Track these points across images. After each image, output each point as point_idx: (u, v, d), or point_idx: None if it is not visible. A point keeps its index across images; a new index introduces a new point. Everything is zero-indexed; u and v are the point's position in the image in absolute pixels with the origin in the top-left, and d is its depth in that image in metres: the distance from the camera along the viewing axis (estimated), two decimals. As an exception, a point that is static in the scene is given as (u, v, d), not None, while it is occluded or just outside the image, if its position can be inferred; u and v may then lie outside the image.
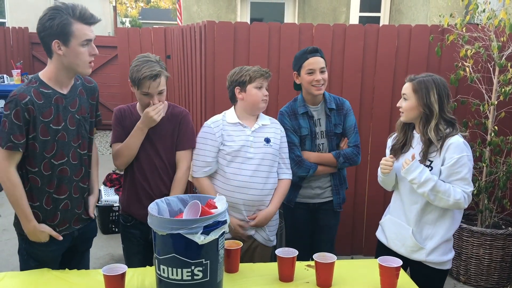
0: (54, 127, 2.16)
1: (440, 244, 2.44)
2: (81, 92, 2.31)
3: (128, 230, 2.66)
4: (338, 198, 3.00)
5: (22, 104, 2.06)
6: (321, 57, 2.79)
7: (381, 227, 2.68)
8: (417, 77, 2.44)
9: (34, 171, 2.17)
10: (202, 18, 8.09)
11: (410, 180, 2.37)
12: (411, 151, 2.48)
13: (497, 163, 3.76)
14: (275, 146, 2.69)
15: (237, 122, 2.67)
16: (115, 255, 4.16)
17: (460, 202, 2.32)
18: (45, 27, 2.06)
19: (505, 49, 3.67)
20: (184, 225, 1.77)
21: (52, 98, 2.16)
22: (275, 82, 3.94)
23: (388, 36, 3.94)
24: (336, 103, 2.90)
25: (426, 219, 2.45)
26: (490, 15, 3.63)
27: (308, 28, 3.94)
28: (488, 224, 3.80)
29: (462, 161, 2.33)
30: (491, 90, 3.72)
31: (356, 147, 2.91)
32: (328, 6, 8.39)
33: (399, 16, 8.00)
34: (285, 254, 2.11)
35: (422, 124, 2.42)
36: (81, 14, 2.08)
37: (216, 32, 3.84)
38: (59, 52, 2.09)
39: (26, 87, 2.13)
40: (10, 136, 2.07)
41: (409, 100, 2.43)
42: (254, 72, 2.62)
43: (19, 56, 9.19)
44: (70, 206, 2.29)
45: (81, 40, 2.09)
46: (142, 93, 2.48)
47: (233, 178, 2.61)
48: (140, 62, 2.48)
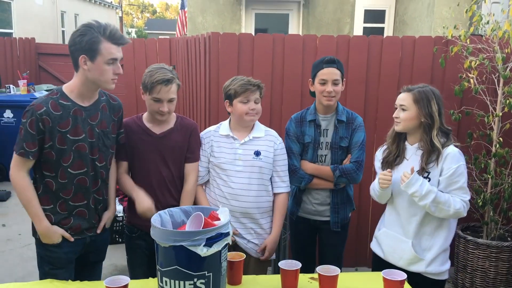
0: (72, 137, 2.24)
1: (438, 254, 2.46)
2: (104, 108, 2.38)
3: (133, 241, 2.66)
4: (336, 217, 2.85)
5: (37, 114, 2.16)
6: (337, 69, 2.74)
7: (376, 240, 2.67)
8: (414, 88, 2.47)
9: (51, 176, 2.26)
10: (207, 29, 8.15)
11: (412, 194, 2.36)
12: (406, 163, 2.49)
13: (503, 174, 3.74)
14: (265, 159, 2.64)
15: (228, 134, 2.68)
16: (118, 265, 4.15)
17: (460, 211, 2.36)
18: (75, 42, 2.16)
19: (510, 60, 3.67)
20: (186, 237, 1.77)
21: (71, 110, 2.24)
22: (279, 93, 3.95)
23: (392, 47, 3.95)
24: (348, 117, 2.81)
25: (424, 230, 2.46)
26: (494, 27, 3.63)
27: (312, 39, 3.95)
28: (493, 236, 3.77)
29: (460, 170, 2.37)
30: (496, 102, 3.70)
31: (357, 163, 2.76)
32: (332, 17, 8.43)
33: (403, 27, 8.03)
34: (288, 267, 2.10)
35: (424, 133, 2.42)
36: (111, 34, 2.17)
37: (220, 43, 3.86)
38: (84, 67, 2.18)
39: (45, 98, 2.23)
40: (23, 143, 2.17)
41: (409, 111, 2.44)
42: (239, 87, 2.60)
43: (26, 67, 9.28)
44: (88, 215, 2.36)
45: (107, 58, 2.18)
46: (153, 98, 2.49)
47: (224, 190, 2.63)
48: (154, 68, 2.53)
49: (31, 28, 14.14)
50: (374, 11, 8.46)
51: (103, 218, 2.47)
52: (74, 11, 18.75)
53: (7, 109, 6.62)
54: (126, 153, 2.62)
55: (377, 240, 2.65)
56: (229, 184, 2.62)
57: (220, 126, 2.75)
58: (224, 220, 1.94)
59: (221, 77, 3.87)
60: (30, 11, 14.55)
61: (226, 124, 2.74)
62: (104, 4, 23.46)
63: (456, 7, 6.05)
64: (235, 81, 2.65)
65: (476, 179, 3.78)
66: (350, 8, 8.37)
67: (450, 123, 3.91)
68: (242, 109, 2.60)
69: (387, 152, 2.58)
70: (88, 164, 2.30)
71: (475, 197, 3.76)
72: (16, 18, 13.73)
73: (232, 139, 2.67)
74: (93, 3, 21.35)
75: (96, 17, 21.52)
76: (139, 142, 2.59)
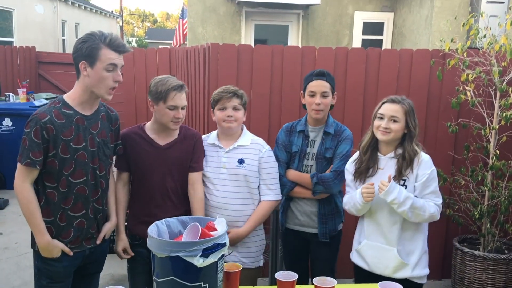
0: (74, 146, 2.24)
1: (421, 257, 2.55)
2: (103, 117, 2.40)
3: (135, 249, 2.66)
4: (324, 228, 2.83)
5: (41, 123, 2.16)
6: (327, 82, 2.76)
7: (357, 253, 2.68)
8: (403, 100, 2.54)
9: (52, 187, 2.25)
10: (207, 39, 8.20)
11: (391, 201, 2.42)
12: (380, 172, 2.54)
13: (499, 187, 3.75)
14: (249, 167, 2.66)
15: (214, 143, 2.73)
16: (115, 275, 4.13)
17: (434, 215, 2.47)
18: (77, 49, 2.21)
19: (506, 74, 3.70)
20: (183, 247, 1.77)
21: (73, 119, 2.25)
22: (277, 104, 3.98)
23: (389, 60, 3.98)
24: (336, 129, 2.82)
25: (404, 236, 2.54)
26: (491, 40, 3.66)
27: (311, 51, 3.98)
28: (490, 249, 3.77)
29: (433, 174, 2.50)
30: (493, 114, 3.73)
31: (336, 173, 2.73)
32: (331, 29, 8.49)
33: (402, 39, 8.08)
34: (285, 278, 2.10)
35: (408, 142, 2.51)
36: (111, 41, 2.20)
37: (219, 54, 3.89)
38: (84, 73, 2.21)
39: (48, 107, 2.24)
40: (29, 153, 2.16)
41: (400, 122, 2.51)
42: (216, 95, 2.68)
43: (26, 75, 9.31)
44: (86, 225, 2.35)
45: (106, 63, 2.20)
46: (168, 106, 2.50)
47: (209, 198, 2.67)
48: (162, 78, 2.57)
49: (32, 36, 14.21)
50: (373, 23, 8.53)
51: (103, 230, 2.46)
52: (75, 20, 18.85)
53: (6, 117, 6.62)
54: (128, 164, 2.63)
55: (358, 253, 2.67)
56: (213, 192, 2.66)
57: (210, 136, 2.80)
58: (221, 231, 1.94)
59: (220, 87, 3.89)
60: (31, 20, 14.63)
61: (215, 133, 2.79)
62: (105, 13, 23.60)
63: (453, 21, 6.10)
64: (217, 90, 2.72)
65: (473, 191, 3.79)
66: (349, 20, 8.43)
67: (447, 135, 3.95)
68: (219, 116, 2.66)
69: (358, 163, 2.61)
70: (88, 173, 2.30)
71: (472, 209, 3.77)
72: (17, 27, 13.80)
73: (218, 147, 2.72)
74: (94, 12, 21.48)
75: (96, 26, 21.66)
76: (143, 154, 2.59)
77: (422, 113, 4.00)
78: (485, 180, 3.76)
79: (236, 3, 8.19)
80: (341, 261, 3.00)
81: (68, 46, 17.95)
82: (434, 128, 4.02)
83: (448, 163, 3.99)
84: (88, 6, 20.74)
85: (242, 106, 2.69)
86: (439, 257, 4.18)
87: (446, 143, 4.01)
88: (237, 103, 2.65)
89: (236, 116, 2.65)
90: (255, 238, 2.76)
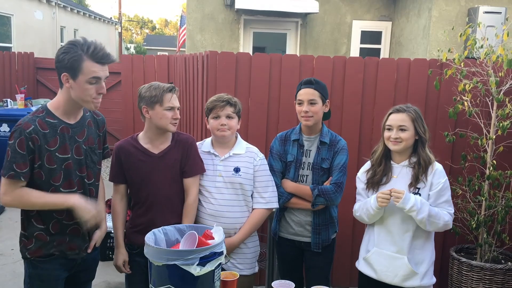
0: (61, 155, 2.19)
1: (429, 267, 2.59)
2: (89, 123, 2.36)
3: (133, 258, 2.65)
4: (317, 238, 2.83)
5: (26, 133, 2.10)
6: (315, 89, 2.76)
7: (365, 262, 2.69)
8: (409, 108, 2.59)
9: None
10: (206, 47, 8.22)
11: (410, 209, 2.43)
12: (394, 181, 2.56)
13: (496, 197, 3.76)
14: (245, 176, 2.68)
15: (209, 151, 2.74)
16: (111, 283, 4.11)
17: (448, 223, 2.52)
18: (59, 59, 2.14)
19: (503, 84, 3.72)
20: (180, 256, 1.77)
21: (58, 128, 2.20)
22: (275, 112, 3.99)
23: (387, 69, 4.00)
24: (331, 139, 2.82)
25: (415, 245, 2.56)
26: (488, 51, 3.69)
27: (309, 59, 4.00)
28: (487, 259, 3.77)
29: (446, 184, 2.55)
30: (490, 124, 3.74)
31: (337, 185, 2.74)
32: (329, 37, 8.53)
33: (399, 48, 8.12)
34: (282, 287, 2.10)
35: (421, 149, 2.55)
36: (94, 52, 2.12)
37: (218, 62, 3.90)
38: (66, 85, 2.15)
39: (31, 116, 2.17)
40: (12, 165, 2.09)
41: (409, 131, 2.55)
42: (209, 103, 2.70)
43: (24, 81, 9.30)
44: (80, 233, 2.32)
45: (89, 77, 2.13)
46: (166, 108, 2.52)
47: (205, 206, 2.67)
48: (151, 83, 2.58)
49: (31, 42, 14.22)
50: (371, 33, 8.57)
51: (94, 238, 2.43)
52: (74, 26, 18.88)
53: (4, 123, 6.62)
54: (124, 176, 2.63)
55: (366, 261, 2.67)
56: (210, 201, 2.66)
57: (203, 143, 2.80)
58: (218, 239, 1.94)
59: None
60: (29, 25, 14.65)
61: (209, 141, 2.79)
62: (104, 19, 23.65)
63: (451, 31, 6.14)
64: (211, 98, 2.73)
65: (470, 201, 3.80)
66: (347, 29, 8.48)
67: (444, 145, 3.96)
68: (213, 124, 2.68)
69: (371, 172, 2.62)
70: (76, 182, 2.26)
71: (469, 219, 3.77)
72: (16, 33, 13.80)
73: (213, 155, 2.72)
74: (93, 19, 21.52)
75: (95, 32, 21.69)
76: (138, 164, 2.58)
77: (420, 123, 4.02)
78: (482, 190, 3.77)
79: (235, 11, 8.23)
80: (338, 270, 3.00)
81: (67, 52, 17.93)
82: (431, 138, 4.02)
83: (445, 172, 3.99)
84: (87, 12, 20.79)
85: (236, 114, 2.70)
86: (436, 267, 4.14)
87: (443, 152, 4.01)
88: (230, 112, 2.66)
89: (229, 125, 2.66)
90: (251, 244, 2.78)
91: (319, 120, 2.82)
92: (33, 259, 2.25)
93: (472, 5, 6.70)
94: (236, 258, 2.71)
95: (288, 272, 2.94)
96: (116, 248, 2.64)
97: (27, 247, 2.25)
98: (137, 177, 2.59)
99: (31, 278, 2.27)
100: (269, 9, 7.85)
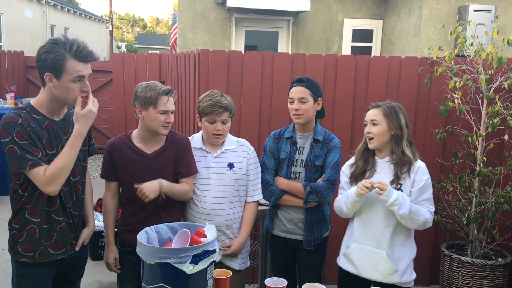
0: (49, 151, 2.16)
1: (409, 264, 2.59)
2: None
3: (125, 256, 2.63)
4: (309, 236, 2.83)
5: (18, 125, 2.06)
6: (306, 88, 2.76)
7: (345, 257, 2.70)
8: (383, 104, 2.61)
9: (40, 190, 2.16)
10: (197, 45, 8.20)
11: (392, 202, 2.43)
12: (377, 176, 2.58)
13: (486, 193, 3.79)
14: (239, 171, 2.70)
15: (201, 148, 2.72)
16: (103, 282, 4.10)
17: (428, 221, 2.52)
18: (41, 59, 2.08)
19: (493, 81, 3.75)
20: (172, 254, 1.77)
21: (43, 124, 2.16)
22: (267, 110, 3.99)
23: (378, 67, 4.02)
24: (324, 137, 2.83)
25: (395, 241, 2.56)
26: (478, 49, 3.72)
27: (301, 58, 4.01)
28: (478, 255, 3.80)
29: (428, 182, 2.56)
30: (480, 122, 3.78)
31: (329, 182, 2.75)
32: (321, 36, 8.55)
33: (391, 46, 8.16)
34: (274, 284, 2.10)
35: (396, 146, 2.56)
36: (77, 51, 2.08)
37: (210, 60, 3.89)
38: (50, 84, 2.11)
39: (15, 112, 2.12)
40: (26, 155, 2.05)
41: (380, 125, 2.56)
42: (206, 107, 2.63)
43: (14, 80, 9.23)
44: (66, 229, 2.29)
45: (73, 76, 2.09)
46: (159, 111, 2.48)
47: (199, 204, 2.66)
48: (149, 83, 2.53)
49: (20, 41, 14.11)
50: (362, 31, 8.60)
51: (82, 236, 2.40)
52: (64, 24, 18.76)
53: (-7, 122, 6.56)
54: (116, 173, 2.61)
55: (346, 257, 2.68)
56: (203, 199, 2.65)
57: (193, 139, 2.77)
58: (210, 237, 1.94)
59: (210, 94, 3.90)
60: (19, 24, 14.53)
61: (199, 137, 2.77)
62: (94, 18, 23.51)
63: (441, 29, 6.18)
64: (206, 98, 2.67)
65: (461, 197, 3.83)
66: (338, 27, 8.50)
67: (435, 142, 3.99)
68: (208, 129, 2.66)
69: (355, 167, 2.65)
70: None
71: (460, 215, 3.81)
72: (5, 31, 13.70)
73: (205, 152, 2.71)
74: (83, 17, 21.38)
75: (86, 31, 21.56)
76: (130, 163, 2.56)
77: (411, 120, 4.00)
78: (472, 187, 3.80)
79: (227, 9, 8.22)
80: (331, 268, 3.00)
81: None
82: (422, 135, 4.06)
83: (436, 169, 4.03)
84: (77, 10, 20.66)
85: (231, 117, 2.70)
86: (428, 263, 4.21)
87: (434, 149, 4.05)
88: (226, 117, 2.65)
89: (224, 129, 2.66)
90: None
91: (311, 118, 2.82)
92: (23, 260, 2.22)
93: (462, 3, 6.75)
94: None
95: (281, 270, 2.94)
96: (107, 246, 2.63)
97: (18, 240, 2.22)
98: (129, 176, 2.56)
99: (19, 277, 2.25)
100: (260, 7, 7.85)
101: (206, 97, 2.68)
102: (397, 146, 2.55)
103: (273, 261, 3.07)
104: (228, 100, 2.67)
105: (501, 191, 3.73)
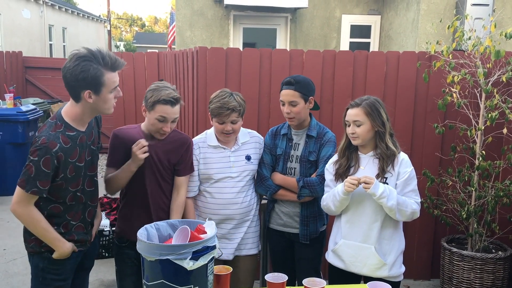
0: (78, 164, 2.24)
1: (398, 257, 2.59)
2: (94, 124, 2.40)
3: (123, 250, 2.65)
4: (305, 230, 2.85)
5: (52, 153, 2.10)
6: (295, 90, 2.74)
7: (333, 254, 2.69)
8: (362, 101, 2.57)
9: (58, 202, 2.24)
10: (195, 43, 8.20)
11: (380, 195, 2.42)
12: (361, 171, 2.57)
13: (486, 187, 3.80)
14: (255, 162, 2.85)
15: (217, 145, 2.76)
16: (105, 280, 4.11)
17: (416, 212, 2.52)
18: (78, 79, 2.10)
19: (491, 75, 3.75)
20: (173, 250, 1.78)
21: (77, 139, 2.23)
22: (266, 107, 3.99)
23: (377, 62, 4.02)
24: (318, 131, 2.85)
25: (383, 235, 2.56)
26: (476, 43, 3.71)
27: (299, 54, 4.01)
28: (478, 248, 3.81)
29: (413, 173, 2.56)
30: (478, 115, 3.78)
31: (322, 177, 2.75)
32: (319, 32, 8.54)
33: (389, 41, 8.16)
34: (275, 279, 2.11)
35: (380, 141, 2.56)
36: (111, 62, 2.14)
37: (208, 58, 3.89)
38: (89, 100, 2.16)
39: (54, 133, 2.15)
40: (36, 182, 2.10)
41: (364, 125, 2.54)
42: (215, 109, 2.65)
43: (13, 80, 9.22)
44: (85, 228, 2.38)
45: (111, 88, 2.18)
46: (158, 118, 2.49)
47: (217, 196, 2.74)
48: (158, 86, 2.53)
49: (19, 41, 14.10)
50: (360, 26, 8.60)
51: (94, 227, 2.49)
52: (62, 24, 18.73)
53: (-7, 123, 6.56)
54: (117, 162, 2.60)
55: (335, 253, 2.68)
56: (223, 190, 2.73)
57: (207, 136, 2.80)
58: (210, 234, 1.95)
59: (209, 91, 3.89)
60: (17, 24, 14.51)
61: (212, 134, 2.79)
62: (92, 17, 23.48)
63: (439, 23, 6.18)
64: (215, 99, 2.68)
65: (460, 191, 3.84)
66: (336, 23, 8.50)
67: (434, 136, 4.00)
68: (218, 127, 2.70)
69: (338, 164, 2.64)
70: (85, 181, 2.32)
71: (459, 209, 3.82)
72: (3, 32, 13.68)
73: (222, 148, 2.76)
74: (81, 17, 21.35)
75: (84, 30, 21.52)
76: None
77: (409, 115, 4.05)
78: (471, 181, 3.80)
79: (224, 6, 8.21)
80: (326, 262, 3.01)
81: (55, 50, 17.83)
82: (421, 129, 4.07)
83: (435, 164, 4.04)
84: (75, 10, 20.63)
85: (241, 116, 2.71)
86: (428, 258, 4.22)
87: (433, 144, 4.05)
88: (235, 117, 2.66)
89: (234, 128, 2.70)
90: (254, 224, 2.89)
91: (304, 118, 2.84)
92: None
93: (460, -2, 6.74)
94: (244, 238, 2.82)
95: (279, 263, 2.98)
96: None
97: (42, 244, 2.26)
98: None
99: (44, 271, 2.28)
100: (258, 4, 7.85)
101: (215, 98, 2.68)
102: (381, 141, 2.55)
103: (271, 255, 3.09)
104: (237, 101, 2.66)
105: (501, 185, 3.73)
